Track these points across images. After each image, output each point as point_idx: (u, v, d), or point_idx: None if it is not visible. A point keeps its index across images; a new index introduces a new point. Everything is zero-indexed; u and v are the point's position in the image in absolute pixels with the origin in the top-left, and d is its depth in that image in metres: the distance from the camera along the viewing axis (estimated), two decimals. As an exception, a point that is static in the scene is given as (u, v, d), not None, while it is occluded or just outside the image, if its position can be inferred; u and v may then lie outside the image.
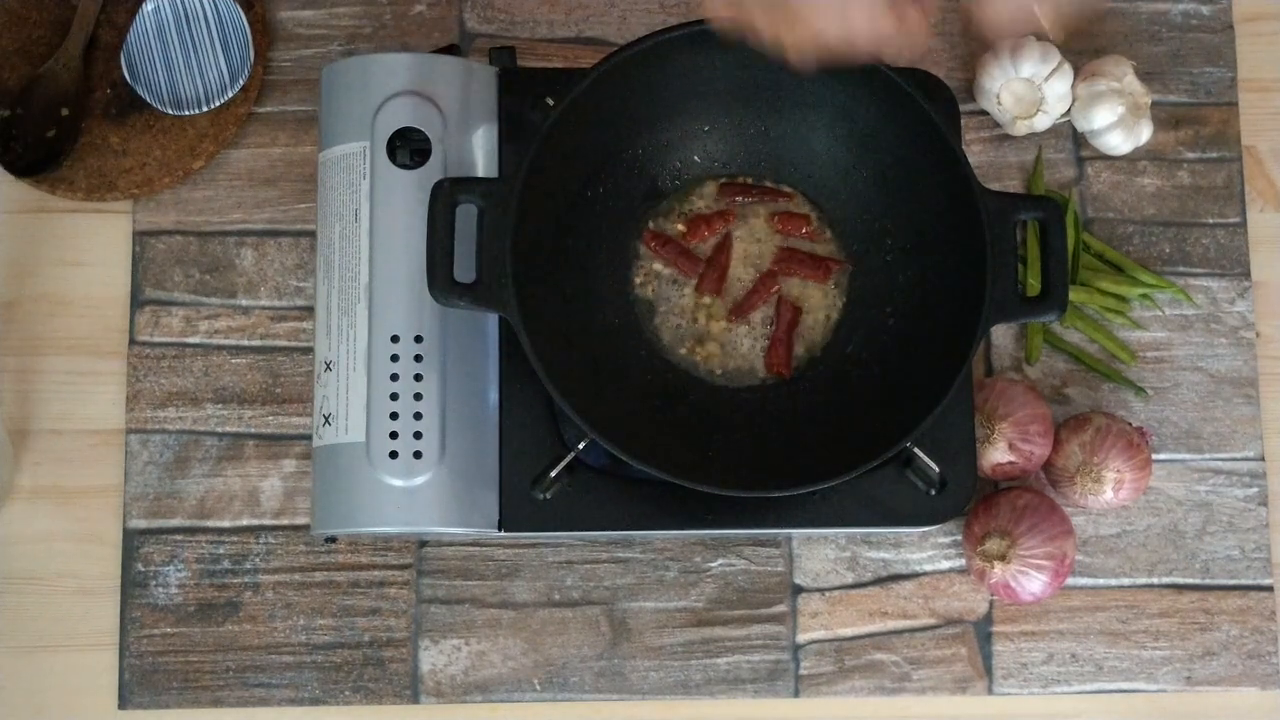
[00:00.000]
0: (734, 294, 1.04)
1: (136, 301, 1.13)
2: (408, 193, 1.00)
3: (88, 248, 1.14)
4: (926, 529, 1.08)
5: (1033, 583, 1.05)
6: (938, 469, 0.97)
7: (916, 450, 0.97)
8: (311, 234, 1.13)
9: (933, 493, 0.99)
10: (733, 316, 1.03)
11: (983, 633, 1.10)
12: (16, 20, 1.16)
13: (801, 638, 1.10)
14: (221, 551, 1.09)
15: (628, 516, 0.99)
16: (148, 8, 1.13)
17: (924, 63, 1.16)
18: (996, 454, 1.06)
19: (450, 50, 1.10)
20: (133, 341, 1.12)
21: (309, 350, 1.12)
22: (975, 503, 1.08)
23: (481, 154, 1.03)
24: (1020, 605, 1.10)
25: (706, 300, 1.03)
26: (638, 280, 1.04)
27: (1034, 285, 1.11)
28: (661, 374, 1.02)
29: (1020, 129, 1.15)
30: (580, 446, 0.97)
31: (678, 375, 1.02)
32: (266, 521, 1.10)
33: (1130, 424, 1.09)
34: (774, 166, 1.05)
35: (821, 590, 1.10)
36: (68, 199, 1.13)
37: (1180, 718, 1.10)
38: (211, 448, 1.11)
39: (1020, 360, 1.14)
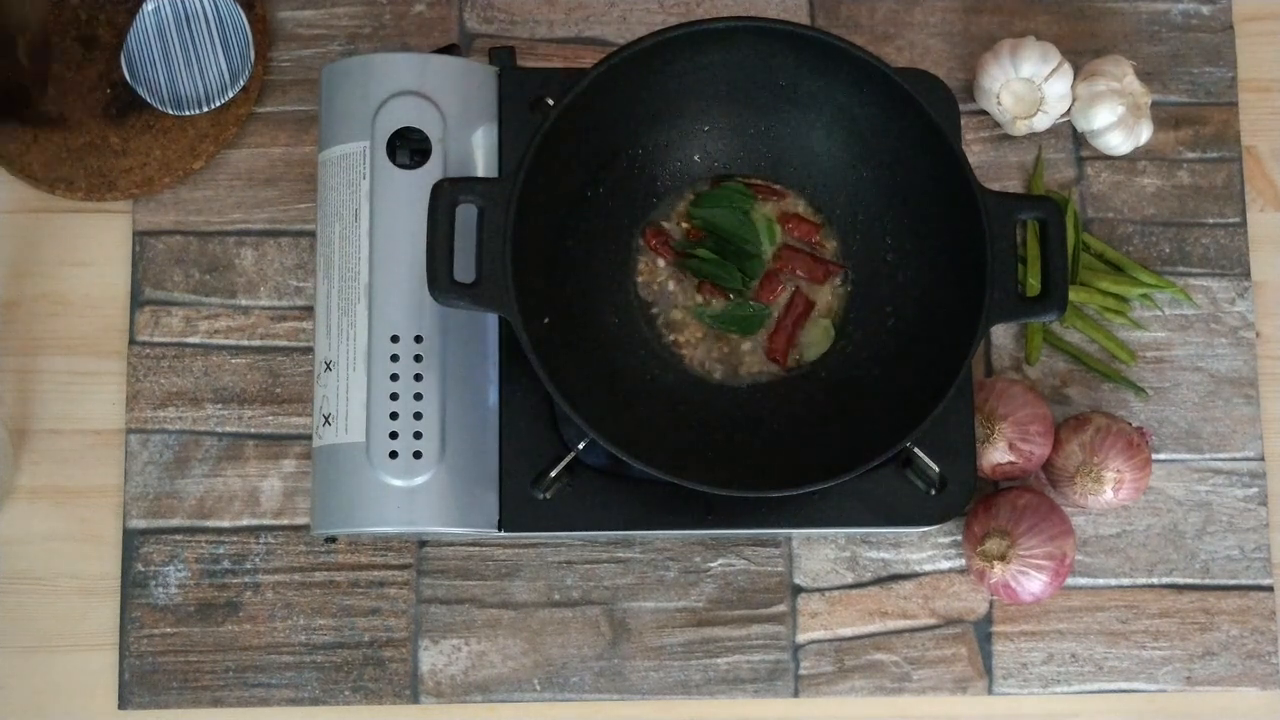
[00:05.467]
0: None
1: (136, 301, 1.13)
2: (408, 193, 1.00)
3: (88, 248, 1.14)
4: (926, 529, 1.08)
5: (1033, 583, 1.05)
6: (938, 469, 0.97)
7: (916, 450, 0.97)
8: (311, 234, 1.13)
9: (933, 493, 0.99)
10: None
11: (983, 633, 1.10)
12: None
13: (801, 638, 1.10)
14: (221, 551, 1.09)
15: (628, 516, 0.99)
16: (148, 8, 1.13)
17: (924, 63, 1.17)
18: (996, 454, 1.06)
19: (450, 50, 1.10)
20: (133, 341, 1.12)
21: (309, 350, 1.12)
22: (975, 503, 1.08)
23: (481, 154, 1.02)
24: (1020, 605, 1.10)
25: (707, 299, 1.03)
26: (638, 280, 1.03)
27: (1034, 285, 1.10)
28: (661, 373, 1.02)
29: (1020, 129, 1.15)
30: (580, 446, 0.97)
31: (678, 375, 1.02)
32: (266, 521, 1.10)
33: (1130, 424, 1.09)
34: (774, 166, 1.05)
35: (821, 590, 1.10)
36: (68, 199, 1.13)
37: (1180, 718, 1.10)
38: (211, 448, 1.11)
39: (1020, 360, 1.14)
